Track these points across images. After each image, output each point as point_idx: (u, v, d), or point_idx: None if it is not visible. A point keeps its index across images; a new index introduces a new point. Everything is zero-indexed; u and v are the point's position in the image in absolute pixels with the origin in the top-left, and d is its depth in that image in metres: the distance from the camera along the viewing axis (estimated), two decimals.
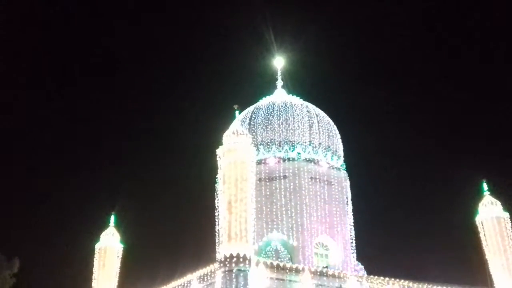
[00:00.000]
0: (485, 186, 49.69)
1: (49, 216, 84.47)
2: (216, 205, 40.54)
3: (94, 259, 49.68)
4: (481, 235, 47.46)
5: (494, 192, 49.37)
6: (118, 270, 49.58)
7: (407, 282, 40.91)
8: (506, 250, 46.02)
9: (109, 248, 49.89)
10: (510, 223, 47.30)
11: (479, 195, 49.35)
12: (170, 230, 74.82)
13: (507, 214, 47.69)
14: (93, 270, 49.21)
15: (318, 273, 38.38)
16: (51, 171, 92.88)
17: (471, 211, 49.03)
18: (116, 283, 49.03)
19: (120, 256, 50.12)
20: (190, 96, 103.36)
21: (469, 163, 78.62)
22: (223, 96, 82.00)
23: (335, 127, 54.93)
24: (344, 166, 53.48)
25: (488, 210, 47.99)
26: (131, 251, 52.41)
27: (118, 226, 51.60)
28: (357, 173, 55.61)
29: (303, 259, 45.58)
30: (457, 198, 64.85)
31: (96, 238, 50.66)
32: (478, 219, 48.09)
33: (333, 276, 38.77)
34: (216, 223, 39.81)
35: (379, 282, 39.97)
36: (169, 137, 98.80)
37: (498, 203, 48.21)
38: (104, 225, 51.40)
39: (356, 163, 58.13)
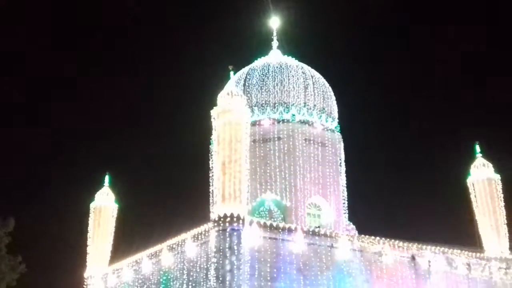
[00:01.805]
0: (477, 148, 50.15)
1: (45, 176, 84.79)
2: (210, 166, 40.69)
3: (89, 218, 50.25)
4: (472, 196, 48.15)
5: (487, 154, 49.89)
6: (113, 229, 50.25)
7: (397, 241, 41.55)
8: (496, 211, 46.80)
9: (104, 207, 50.39)
10: (501, 185, 47.99)
11: (471, 157, 49.83)
12: (165, 190, 75.43)
13: (498, 176, 48.29)
14: (89, 229, 49.86)
15: (311, 233, 38.83)
16: (47, 131, 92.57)
17: (463, 173, 49.63)
18: (111, 242, 49.72)
19: (115, 215, 50.68)
20: (184, 56, 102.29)
21: (463, 125, 79.06)
22: (217, 56, 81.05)
23: (330, 88, 54.69)
24: (338, 128, 53.62)
25: (479, 172, 48.55)
26: (126, 211, 53.02)
27: (112, 186, 52.04)
28: (351, 135, 55.90)
29: (296, 219, 46.16)
30: (449, 160, 65.58)
31: (91, 198, 51.12)
32: (469, 181, 48.70)
33: (325, 235, 39.28)
34: (211, 184, 39.99)
35: (370, 242, 40.58)
36: (163, 97, 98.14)
37: (490, 165, 48.72)
38: (99, 185, 51.81)
39: (350, 125, 58.24)
